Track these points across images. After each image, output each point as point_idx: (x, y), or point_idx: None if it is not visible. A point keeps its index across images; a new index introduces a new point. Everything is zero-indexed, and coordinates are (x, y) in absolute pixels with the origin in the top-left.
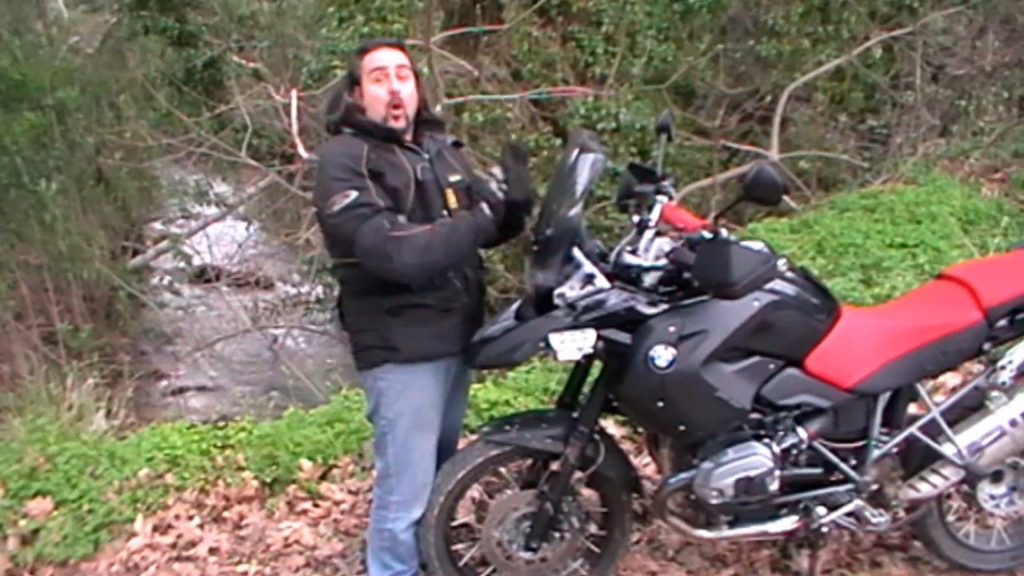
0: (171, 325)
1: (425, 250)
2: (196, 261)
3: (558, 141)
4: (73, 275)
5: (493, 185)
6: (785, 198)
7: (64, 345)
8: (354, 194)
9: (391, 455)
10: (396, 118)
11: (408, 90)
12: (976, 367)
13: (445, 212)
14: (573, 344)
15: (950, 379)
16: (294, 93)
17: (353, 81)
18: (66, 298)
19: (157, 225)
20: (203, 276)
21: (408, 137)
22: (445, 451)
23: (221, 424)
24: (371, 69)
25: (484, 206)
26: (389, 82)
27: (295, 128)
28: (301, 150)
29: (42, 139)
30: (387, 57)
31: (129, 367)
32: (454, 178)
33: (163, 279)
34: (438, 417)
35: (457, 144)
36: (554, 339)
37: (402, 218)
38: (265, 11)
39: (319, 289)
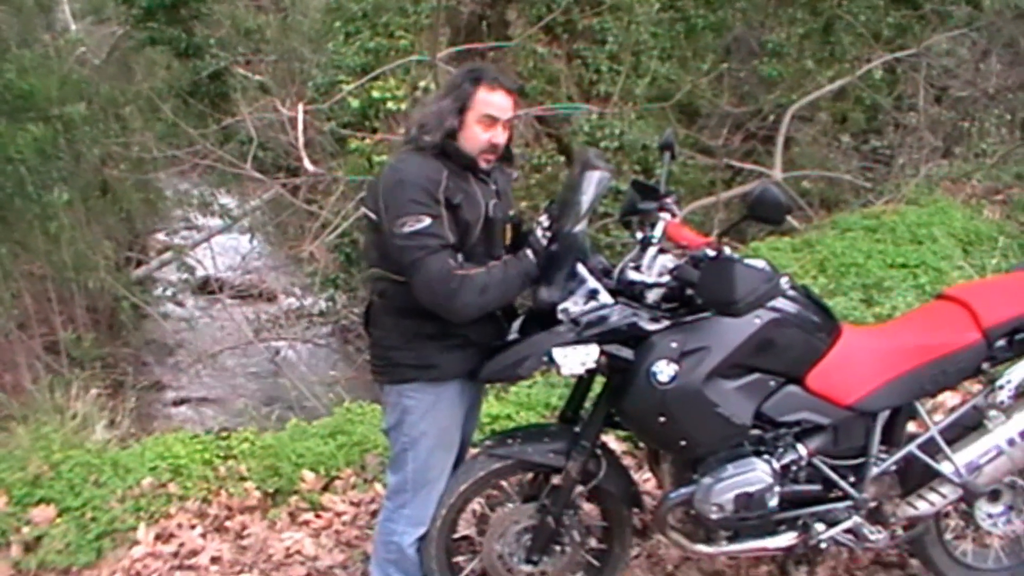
0: (173, 336)
1: (482, 292)
2: (199, 272)
3: (562, 158)
4: (77, 285)
5: (539, 232)
6: (787, 217)
7: (67, 355)
8: (427, 220)
9: (410, 471)
10: (488, 161)
11: (506, 139)
12: (975, 387)
13: (503, 249)
14: (576, 359)
15: (949, 398)
16: (301, 107)
17: (460, 108)
18: (69, 308)
19: (161, 236)
20: (206, 288)
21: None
22: (455, 464)
23: (224, 434)
24: (484, 112)
25: (529, 253)
26: (496, 133)
27: (301, 142)
28: (307, 163)
29: (47, 150)
30: (503, 105)
31: (131, 378)
32: (510, 213)
33: (166, 290)
34: (459, 435)
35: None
36: (557, 354)
37: (460, 256)
38: (272, 25)
39: (322, 302)
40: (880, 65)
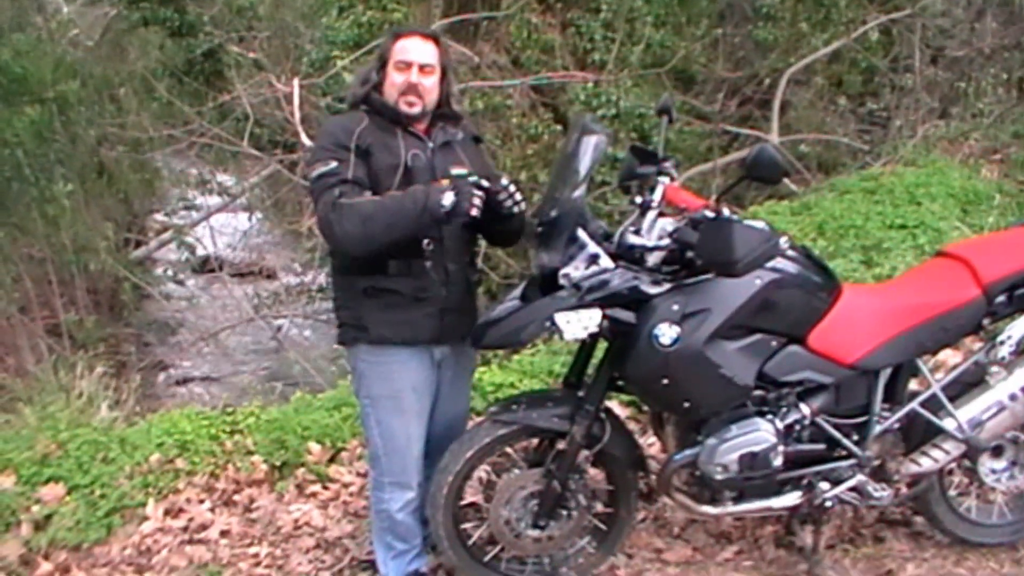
0: (175, 316)
1: (365, 221)
2: (199, 252)
3: (559, 127)
4: (77, 267)
5: (506, 194)
6: (786, 181)
7: (69, 337)
8: (332, 164)
9: (377, 437)
10: (410, 104)
11: (429, 83)
12: (976, 343)
13: None
14: (579, 323)
15: (950, 356)
16: (296, 82)
17: (381, 63)
18: (70, 291)
19: (159, 216)
20: (206, 266)
21: (421, 127)
22: (450, 441)
23: (229, 410)
24: (398, 59)
25: (449, 195)
26: (410, 73)
27: (297, 117)
28: (304, 139)
29: (44, 133)
30: (415, 51)
31: (134, 358)
32: (456, 171)
33: (166, 270)
34: (421, 402)
35: (477, 140)
36: (560, 318)
37: (368, 194)
38: (264, 1)
39: (321, 278)
40: (875, 27)
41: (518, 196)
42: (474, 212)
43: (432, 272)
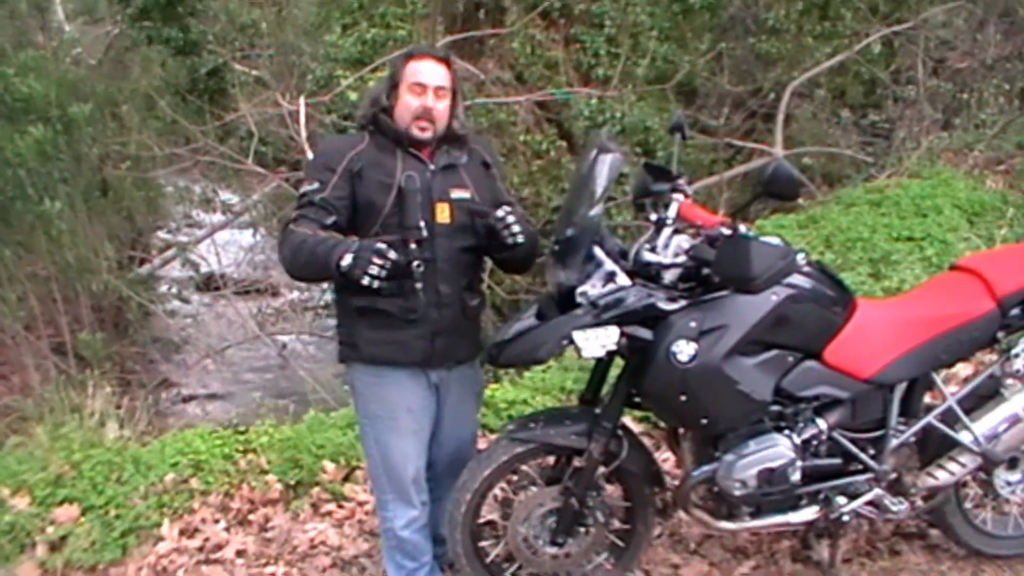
0: (179, 333)
1: (294, 250)
2: (203, 269)
3: (563, 143)
4: (81, 286)
5: (502, 225)
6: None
7: (74, 355)
8: (315, 185)
9: (376, 455)
10: (423, 129)
11: (443, 106)
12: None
13: (422, 223)
14: (597, 341)
15: (962, 369)
16: (302, 100)
17: (393, 84)
18: (74, 309)
19: (162, 234)
20: (210, 284)
21: (425, 150)
22: (458, 463)
23: (243, 428)
24: (412, 81)
25: (348, 256)
26: (425, 98)
27: (304, 135)
28: (311, 156)
29: (48, 152)
30: (430, 74)
31: (139, 376)
32: (457, 195)
33: (171, 287)
34: (418, 423)
35: (486, 165)
36: (578, 336)
37: (331, 218)
38: (267, 19)
39: (327, 295)
40: (878, 39)
41: (515, 228)
42: (365, 281)
43: (422, 293)
